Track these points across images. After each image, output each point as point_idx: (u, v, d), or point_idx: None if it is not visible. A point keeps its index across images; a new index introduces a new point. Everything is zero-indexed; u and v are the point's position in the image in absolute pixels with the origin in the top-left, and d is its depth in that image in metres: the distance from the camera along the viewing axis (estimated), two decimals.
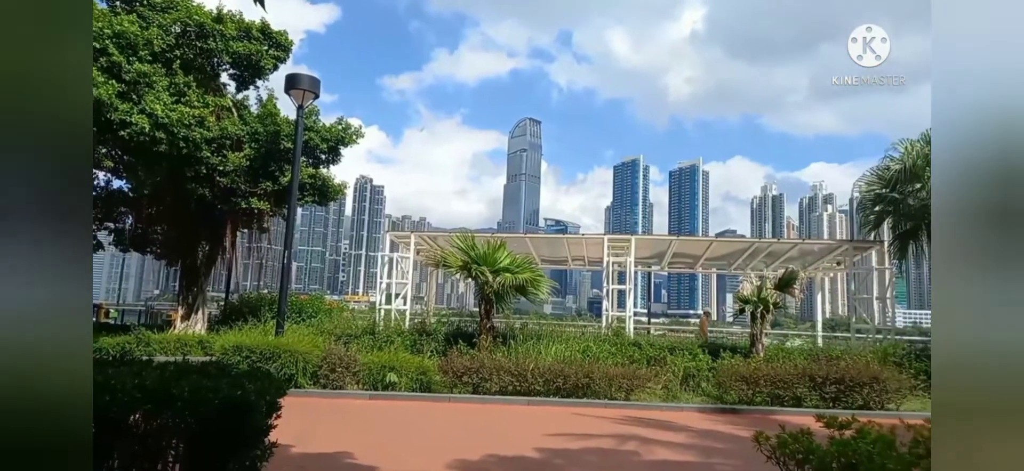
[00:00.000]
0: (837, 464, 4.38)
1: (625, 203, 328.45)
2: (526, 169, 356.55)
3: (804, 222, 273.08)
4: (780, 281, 15.01)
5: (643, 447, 8.12)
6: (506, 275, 13.38)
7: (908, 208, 15.83)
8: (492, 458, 7.26)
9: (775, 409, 11.07)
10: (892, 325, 19.34)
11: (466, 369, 11.74)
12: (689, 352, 13.71)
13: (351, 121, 17.47)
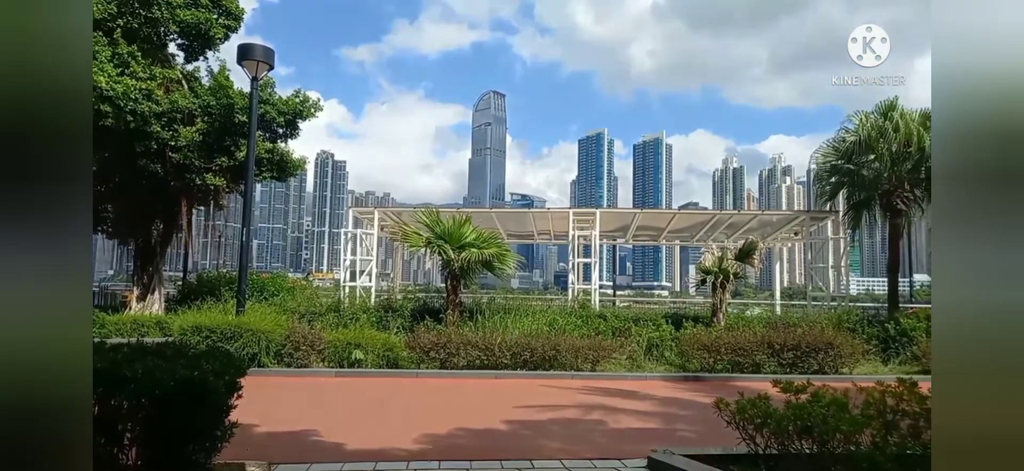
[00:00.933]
0: (793, 427, 4.53)
1: (590, 177, 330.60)
2: (491, 143, 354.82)
3: (764, 194, 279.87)
4: (740, 252, 15.37)
5: (608, 416, 8.26)
6: (472, 251, 13.33)
7: (862, 179, 16.30)
8: (461, 431, 7.29)
9: (735, 376, 11.40)
10: (846, 292, 20.04)
11: (433, 344, 11.72)
12: (653, 323, 13.96)
13: (309, 94, 17.00)
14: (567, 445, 6.69)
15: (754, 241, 16.19)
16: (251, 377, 5.66)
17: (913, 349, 12.80)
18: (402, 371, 11.54)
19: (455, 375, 11.35)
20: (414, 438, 6.78)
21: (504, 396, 9.67)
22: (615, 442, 6.93)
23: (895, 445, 4.17)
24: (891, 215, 15.98)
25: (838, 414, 4.36)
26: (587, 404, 8.97)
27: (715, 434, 5.85)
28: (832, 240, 19.14)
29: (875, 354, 12.99)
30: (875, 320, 14.48)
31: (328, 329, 12.68)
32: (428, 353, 11.68)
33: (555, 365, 11.57)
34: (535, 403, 8.97)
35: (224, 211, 19.28)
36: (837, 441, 4.32)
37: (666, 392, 10.36)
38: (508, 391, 10.14)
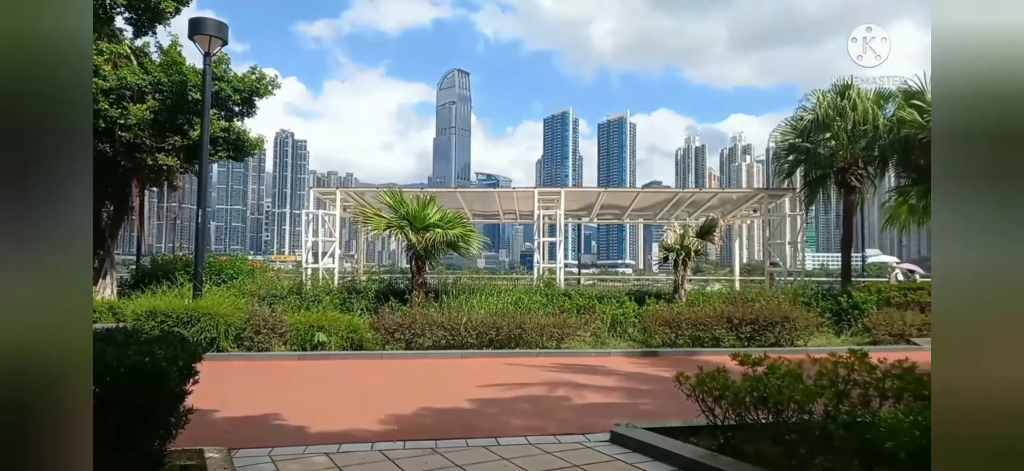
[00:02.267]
0: (750, 398, 4.66)
1: (556, 156, 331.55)
2: (456, 122, 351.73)
3: (725, 172, 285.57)
4: (701, 229, 15.65)
5: (573, 392, 8.37)
6: (437, 231, 13.24)
7: (818, 157, 16.77)
8: (426, 410, 7.27)
9: (696, 350, 11.67)
10: (802, 267, 20.69)
11: (398, 325, 11.63)
12: (617, 300, 14.16)
13: (266, 71, 16.49)
14: (532, 421, 6.75)
15: (714, 218, 16.49)
16: (209, 362, 5.52)
17: (864, 321, 13.31)
18: (366, 353, 11.44)
19: (420, 355, 11.31)
20: (379, 419, 6.73)
21: (470, 375, 9.69)
22: (579, 417, 7.02)
23: (846, 413, 4.33)
24: (845, 192, 16.50)
25: (792, 385, 4.50)
26: (552, 381, 9.06)
27: (676, 407, 5.98)
28: (789, 217, 19.68)
29: (829, 327, 13.46)
30: (829, 294, 15.00)
31: (290, 312, 12.46)
32: (393, 334, 11.60)
33: (520, 343, 11.63)
34: (501, 381, 9.01)
35: (179, 192, 18.68)
36: (791, 411, 4.46)
37: (629, 367, 10.54)
38: (474, 370, 10.16)
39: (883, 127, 15.96)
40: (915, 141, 15.41)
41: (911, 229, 19.26)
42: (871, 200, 20.24)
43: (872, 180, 17.28)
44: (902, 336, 12.55)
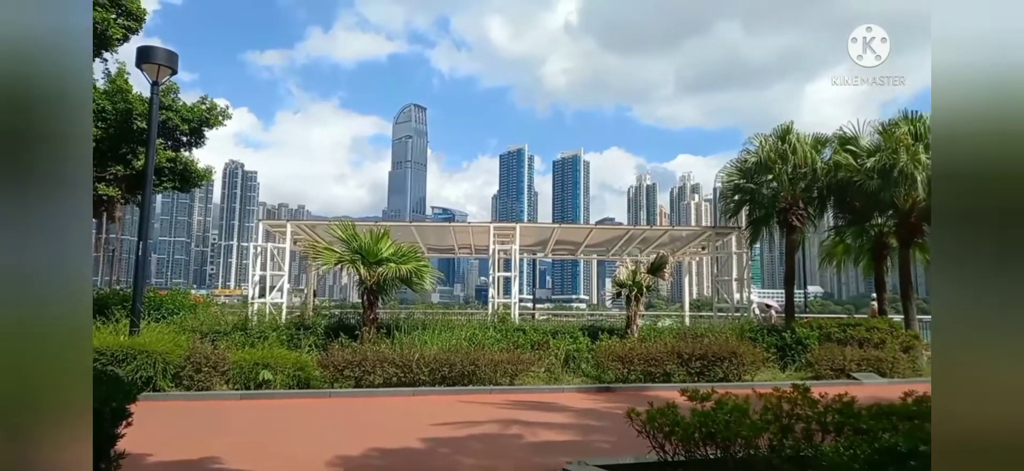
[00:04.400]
0: (698, 434, 4.73)
1: (511, 191, 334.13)
2: (412, 156, 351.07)
3: (675, 210, 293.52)
4: (652, 266, 16.00)
5: (526, 430, 8.30)
6: (390, 266, 13.06)
7: (762, 197, 17.46)
8: (375, 451, 7.07)
9: (648, 385, 11.80)
10: (748, 303, 21.32)
11: (348, 362, 11.34)
12: (570, 335, 14.22)
13: (217, 101, 16.16)
14: (484, 461, 6.65)
15: (665, 255, 16.92)
16: (145, 402, 5.24)
17: (807, 356, 13.77)
18: (314, 391, 11.08)
19: (371, 394, 11.03)
20: (325, 461, 6.51)
21: (422, 413, 9.50)
22: (532, 456, 6.96)
23: (790, 448, 4.45)
24: (787, 231, 17.19)
25: (739, 420, 4.61)
26: (505, 419, 8.97)
27: (629, 443, 6.01)
28: (736, 254, 20.32)
29: (773, 361, 13.86)
30: (773, 329, 15.46)
31: (234, 349, 11.99)
32: (342, 371, 11.29)
33: (474, 380, 11.50)
34: (453, 420, 8.87)
35: (119, 223, 17.88)
36: (738, 446, 4.56)
37: (582, 403, 10.55)
38: (426, 408, 9.97)
39: (821, 170, 16.80)
40: (850, 184, 16.26)
41: (847, 267, 20.20)
42: (811, 239, 21.17)
43: (812, 220, 18.10)
44: (842, 371, 13.02)
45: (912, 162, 14.98)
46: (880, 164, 15.42)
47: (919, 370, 13.64)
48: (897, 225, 16.76)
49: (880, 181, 15.39)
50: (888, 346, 14.01)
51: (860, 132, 17.34)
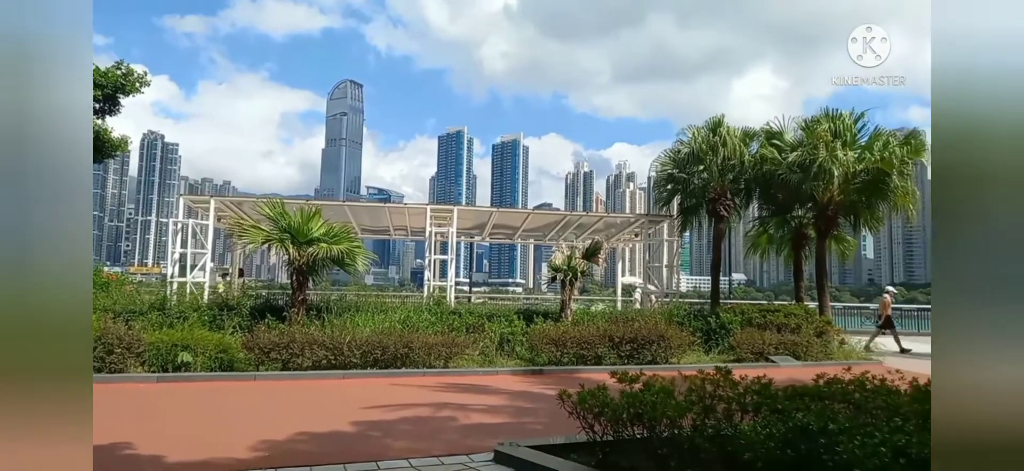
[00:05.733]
0: (627, 414, 4.84)
1: (450, 174, 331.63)
2: (347, 134, 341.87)
3: (610, 197, 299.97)
4: (587, 251, 16.25)
5: (459, 412, 8.28)
6: (321, 245, 12.66)
7: (693, 187, 18.07)
8: (302, 435, 6.86)
9: (580, 368, 12.02)
10: (677, 289, 22.08)
11: (274, 345, 10.93)
12: (506, 318, 14.28)
13: (134, 67, 15.09)
14: (416, 443, 6.57)
15: (599, 241, 17.22)
16: None
17: (730, 340, 14.42)
18: (238, 374, 10.64)
19: (299, 377, 10.70)
20: (248, 445, 6.25)
21: (352, 397, 9.30)
22: (464, 437, 6.94)
23: (711, 427, 4.63)
24: (715, 220, 17.89)
25: (665, 401, 4.74)
26: (438, 402, 8.91)
27: (560, 425, 6.09)
28: (667, 241, 20.98)
29: (699, 345, 14.44)
30: (699, 314, 16.10)
31: (150, 329, 11.33)
32: (268, 354, 10.88)
33: (407, 363, 11.37)
34: (385, 403, 8.73)
35: None
36: (664, 425, 4.70)
37: (516, 386, 10.63)
38: (357, 391, 9.77)
39: (748, 163, 17.54)
40: (774, 177, 17.07)
41: (770, 256, 21.27)
42: (737, 228, 22.15)
43: (738, 210, 18.92)
44: (762, 354, 13.72)
45: (830, 158, 15.87)
46: (802, 159, 16.26)
47: (830, 354, 14.55)
48: (815, 217, 17.76)
49: (801, 175, 16.24)
50: (804, 331, 14.86)
51: (785, 127, 18.22)
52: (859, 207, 17.56)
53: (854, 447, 3.65)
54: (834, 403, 4.79)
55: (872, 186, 16.75)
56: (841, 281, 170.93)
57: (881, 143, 16.62)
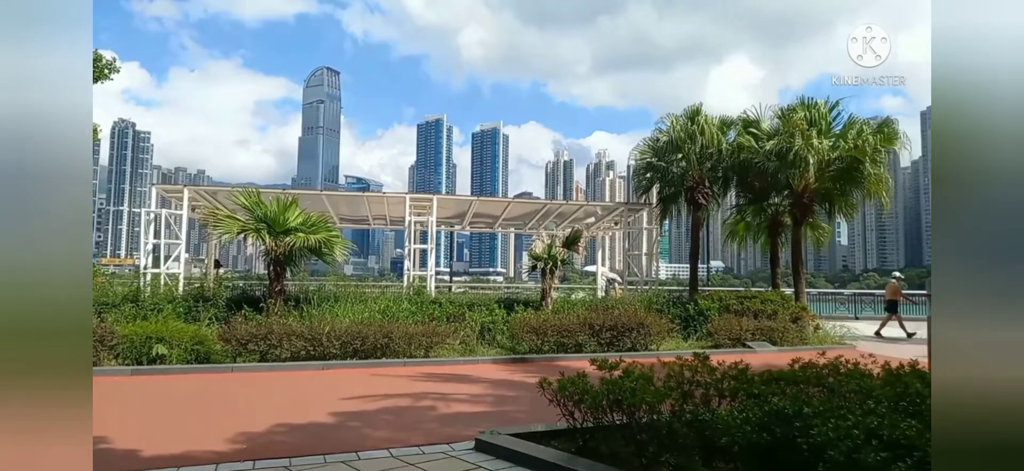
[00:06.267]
0: (606, 401, 4.87)
1: (429, 162, 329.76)
2: (324, 122, 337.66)
3: (590, 186, 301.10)
4: (567, 240, 16.30)
5: (440, 402, 8.26)
6: (298, 235, 12.50)
7: (671, 175, 18.20)
8: (281, 427, 6.79)
9: (560, 356, 12.08)
10: (656, 277, 22.28)
11: (252, 336, 10.79)
12: (486, 307, 14.28)
13: (103, 52, 14.67)
14: (396, 433, 6.55)
15: (579, 230, 17.29)
16: None
17: (708, 326, 14.61)
18: (214, 366, 10.49)
19: (277, 368, 10.59)
20: (226, 438, 6.17)
21: (331, 388, 9.24)
22: (444, 426, 6.94)
23: (689, 412, 4.68)
24: (694, 208, 18.06)
25: (644, 387, 4.78)
26: (418, 391, 8.89)
27: (541, 412, 6.11)
28: (646, 230, 21.14)
29: (678, 331, 14.61)
30: (678, 301, 16.28)
31: (123, 322, 11.11)
32: (246, 345, 10.75)
33: (387, 353, 11.32)
34: (365, 393, 8.68)
35: None
36: (643, 411, 4.74)
37: (497, 374, 10.65)
38: (336, 382, 9.70)
39: (726, 151, 17.71)
40: (751, 165, 17.27)
41: (747, 243, 21.57)
42: (715, 216, 22.39)
43: (716, 198, 19.11)
44: (739, 340, 13.93)
45: (806, 146, 16.09)
46: (778, 147, 16.46)
47: (805, 339, 14.83)
48: (791, 205, 18.02)
49: (778, 163, 16.45)
50: (780, 317, 15.11)
51: (762, 116, 18.42)
52: (834, 194, 17.86)
53: (827, 430, 3.72)
54: (809, 387, 4.88)
55: (846, 174, 17.04)
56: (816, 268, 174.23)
57: (855, 131, 16.89)
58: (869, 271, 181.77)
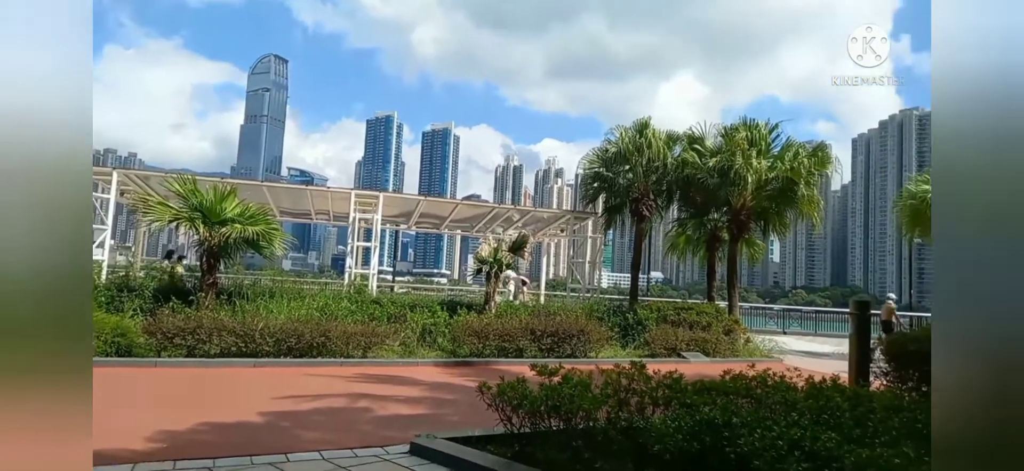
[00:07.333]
0: (545, 407, 4.89)
1: (377, 159, 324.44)
2: (269, 111, 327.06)
3: (539, 192, 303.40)
4: (513, 244, 16.33)
5: (376, 403, 8.10)
6: (234, 226, 12.01)
7: (618, 186, 18.55)
8: (206, 425, 6.49)
9: (501, 360, 12.07)
10: (598, 285, 22.64)
11: (179, 330, 10.28)
12: (429, 309, 14.12)
13: None
14: (328, 435, 6.37)
15: (526, 235, 17.36)
16: None
17: (646, 336, 14.94)
18: (137, 360, 9.94)
19: (205, 364, 10.13)
20: (145, 436, 5.84)
21: (263, 386, 8.91)
22: (380, 429, 6.80)
23: (625, 420, 4.75)
24: (637, 220, 18.45)
25: (582, 394, 4.83)
26: (354, 392, 8.69)
27: (479, 417, 6.07)
28: (591, 238, 21.46)
29: (617, 340, 14.86)
30: (619, 310, 16.58)
31: None
32: (172, 339, 10.23)
33: (324, 352, 11.01)
34: (298, 393, 8.41)
35: None
36: (580, 418, 4.78)
37: (436, 377, 10.54)
38: (268, 381, 9.36)
39: (671, 165, 18.20)
40: (694, 180, 17.81)
41: (687, 256, 22.21)
42: (658, 228, 22.97)
43: (660, 211, 19.61)
44: (674, 350, 14.31)
45: (746, 165, 16.73)
46: (720, 165, 17.04)
47: (737, 351, 15.37)
48: (729, 221, 18.67)
49: (719, 180, 17.03)
50: (713, 329, 15.62)
51: (706, 133, 19.04)
52: (769, 213, 18.62)
53: (754, 440, 3.85)
54: (738, 398, 5.04)
55: (782, 194, 17.81)
56: (750, 282, 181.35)
57: (792, 153, 17.68)
58: (797, 288, 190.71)
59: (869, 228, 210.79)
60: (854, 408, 4.64)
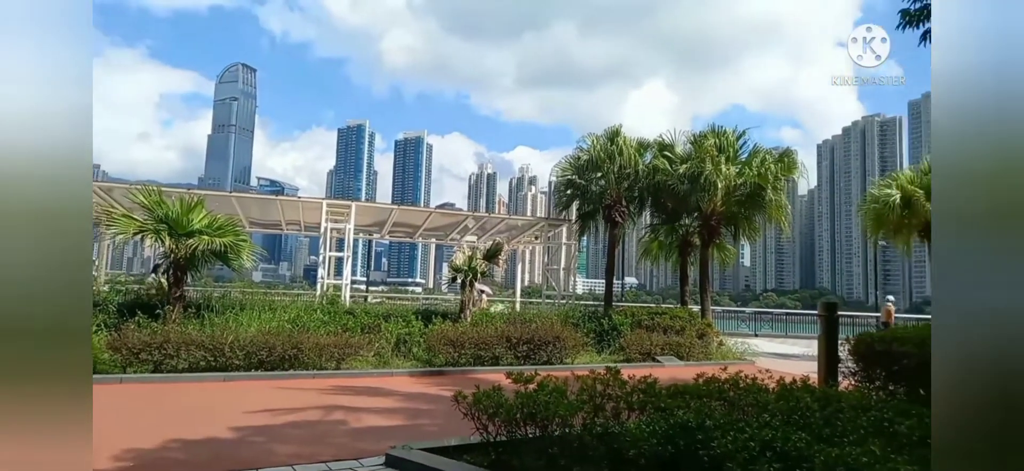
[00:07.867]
0: (520, 414, 4.89)
1: (349, 168, 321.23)
2: (237, 120, 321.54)
3: (513, 199, 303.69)
4: (488, 252, 16.34)
5: (350, 415, 8.00)
6: (202, 238, 11.76)
7: (591, 193, 18.70)
8: (175, 443, 6.32)
9: (477, 368, 12.03)
10: (573, 292, 22.74)
11: (145, 344, 10.01)
12: (404, 318, 14.00)
13: None
14: (302, 448, 6.26)
15: (500, 243, 17.37)
16: None
17: (620, 341, 15.05)
18: (101, 376, 9.62)
19: (173, 380, 9.88)
20: (112, 455, 5.66)
21: (234, 401, 8.72)
22: (354, 441, 6.72)
23: (600, 425, 4.77)
24: (611, 226, 18.61)
25: (558, 400, 4.84)
26: (328, 404, 8.57)
27: (456, 426, 6.04)
28: (565, 245, 21.57)
29: (592, 345, 14.94)
30: (594, 316, 16.67)
31: None
32: (138, 355, 9.95)
33: (296, 365, 10.83)
34: (269, 407, 8.25)
35: None
36: (556, 424, 4.79)
37: (411, 387, 10.45)
38: (239, 395, 9.17)
39: (643, 172, 18.42)
40: (665, 187, 18.06)
41: (660, 261, 22.47)
42: (631, 234, 23.21)
43: (632, 217, 19.82)
44: (649, 354, 14.44)
45: (715, 171, 17.03)
46: (690, 171, 17.31)
47: (710, 354, 15.58)
48: (700, 226, 18.96)
49: (689, 186, 17.30)
50: (687, 333, 15.81)
51: (676, 140, 19.33)
52: (739, 218, 18.97)
53: (727, 442, 3.91)
54: (711, 401, 5.11)
55: (750, 199, 18.16)
56: (721, 286, 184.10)
57: (759, 160, 18.05)
58: (768, 291, 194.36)
59: (836, 231, 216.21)
60: (824, 408, 4.74)
